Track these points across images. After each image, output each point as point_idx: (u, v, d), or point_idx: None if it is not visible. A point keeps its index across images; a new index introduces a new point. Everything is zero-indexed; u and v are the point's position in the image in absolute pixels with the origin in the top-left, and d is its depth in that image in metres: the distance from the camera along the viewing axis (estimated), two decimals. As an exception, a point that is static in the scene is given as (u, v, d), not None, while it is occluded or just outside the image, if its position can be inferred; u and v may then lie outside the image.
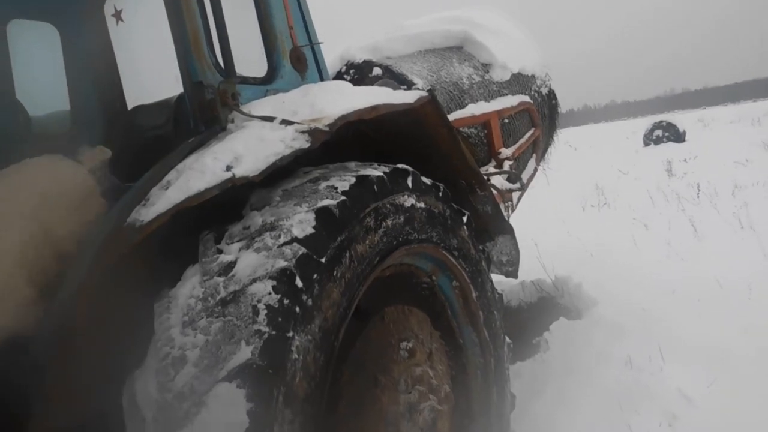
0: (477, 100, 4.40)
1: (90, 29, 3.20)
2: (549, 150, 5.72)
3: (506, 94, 4.67)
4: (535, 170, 5.21)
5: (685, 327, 3.95)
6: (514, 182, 4.21)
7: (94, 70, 3.23)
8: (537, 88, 5.12)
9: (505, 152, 4.38)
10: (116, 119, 3.21)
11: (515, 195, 4.36)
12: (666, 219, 7.59)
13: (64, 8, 3.14)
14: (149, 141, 2.77)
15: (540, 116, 5.13)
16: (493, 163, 4.34)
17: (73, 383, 1.75)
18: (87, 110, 3.20)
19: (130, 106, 3.28)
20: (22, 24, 3.05)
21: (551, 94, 5.41)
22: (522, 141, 4.78)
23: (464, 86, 4.42)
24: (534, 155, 5.20)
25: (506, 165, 4.30)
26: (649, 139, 25.89)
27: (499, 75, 4.71)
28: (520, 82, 4.90)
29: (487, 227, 3.35)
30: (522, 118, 4.86)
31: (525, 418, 3.18)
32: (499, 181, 4.07)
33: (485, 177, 3.48)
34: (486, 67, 4.71)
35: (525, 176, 4.85)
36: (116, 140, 3.03)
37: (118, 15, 3.20)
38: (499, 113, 4.40)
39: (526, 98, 4.84)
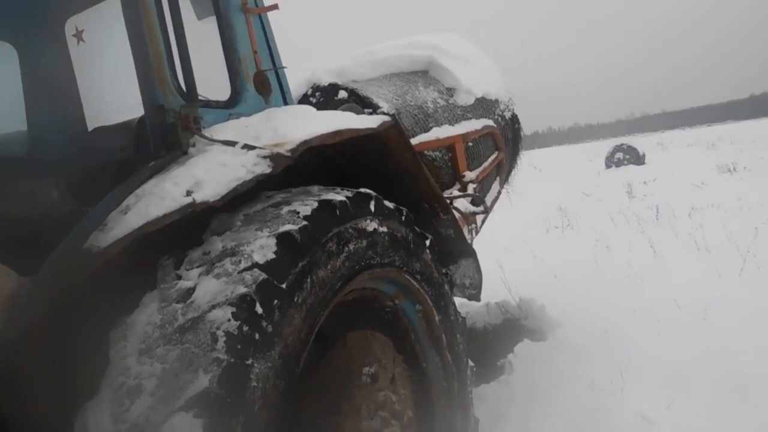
0: (442, 124, 4.44)
1: (50, 49, 3.14)
2: (513, 173, 5.81)
3: (470, 118, 4.73)
4: (499, 193, 5.28)
5: (645, 348, 4.03)
6: (477, 205, 4.25)
7: (54, 90, 3.16)
8: (500, 113, 5.20)
9: (469, 175, 4.43)
10: (76, 141, 3.15)
11: (479, 218, 4.40)
12: (627, 241, 7.76)
13: (23, 28, 3.08)
14: (109, 163, 2.72)
15: (504, 140, 5.21)
16: (458, 186, 4.38)
17: (23, 415, 1.69)
18: (46, 132, 3.12)
19: (90, 127, 3.22)
20: (-22, 43, 2.99)
21: (514, 119, 5.50)
22: (486, 164, 4.85)
23: (429, 110, 4.47)
24: (498, 178, 5.27)
25: (470, 188, 4.34)
26: (611, 161, 26.55)
27: (463, 99, 4.77)
28: (484, 106, 4.98)
29: (450, 251, 3.37)
30: (486, 142, 4.94)
31: (489, 442, 3.19)
32: (463, 204, 4.11)
33: (449, 200, 3.51)
34: (450, 91, 4.77)
35: (489, 199, 4.91)
36: (75, 162, 2.98)
37: (79, 35, 3.15)
38: (463, 137, 4.45)
39: (490, 122, 4.92)
